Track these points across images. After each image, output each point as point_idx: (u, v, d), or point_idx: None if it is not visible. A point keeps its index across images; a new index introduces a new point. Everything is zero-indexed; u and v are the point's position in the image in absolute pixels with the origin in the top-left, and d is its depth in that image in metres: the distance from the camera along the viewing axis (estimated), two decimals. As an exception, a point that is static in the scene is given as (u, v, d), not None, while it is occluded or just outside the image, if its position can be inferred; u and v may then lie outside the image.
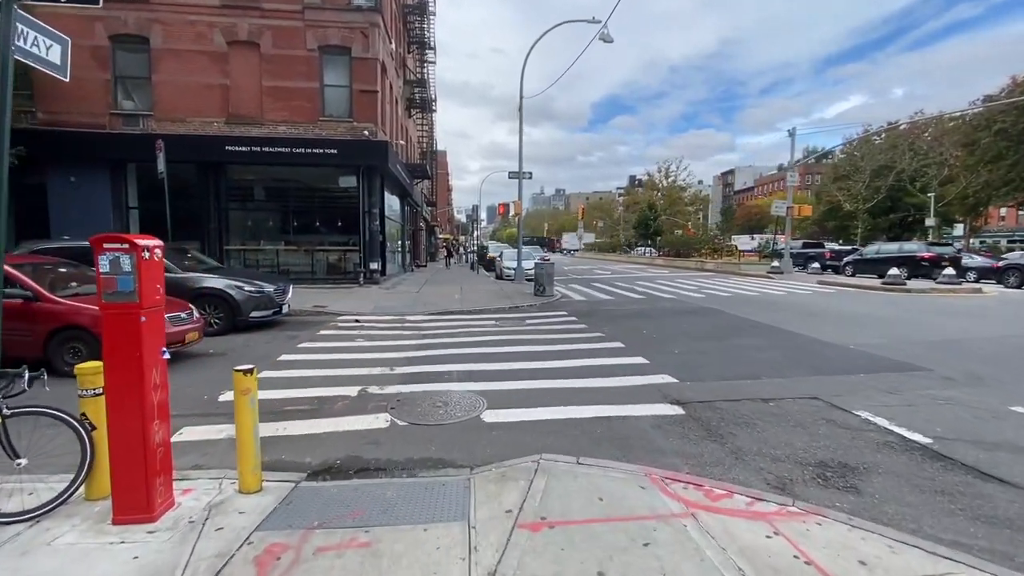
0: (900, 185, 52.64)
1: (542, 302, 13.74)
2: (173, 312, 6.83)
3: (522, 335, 9.06)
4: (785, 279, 21.80)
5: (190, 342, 7.12)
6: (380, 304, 12.85)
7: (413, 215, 32.60)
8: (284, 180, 16.77)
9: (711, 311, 12.09)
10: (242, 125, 15.68)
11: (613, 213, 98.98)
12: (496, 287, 17.69)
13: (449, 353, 7.60)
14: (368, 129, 15.91)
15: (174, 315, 6.80)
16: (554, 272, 15.21)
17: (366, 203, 16.52)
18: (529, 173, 19.51)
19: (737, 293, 16.08)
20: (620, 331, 9.36)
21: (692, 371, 6.43)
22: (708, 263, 29.43)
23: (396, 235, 23.61)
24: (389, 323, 10.56)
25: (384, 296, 14.49)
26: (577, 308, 12.81)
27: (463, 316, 11.55)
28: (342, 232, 16.99)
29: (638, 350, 7.67)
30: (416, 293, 15.40)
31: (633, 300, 14.55)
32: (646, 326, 9.96)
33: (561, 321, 10.69)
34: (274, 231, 16.84)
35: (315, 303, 12.48)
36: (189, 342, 7.09)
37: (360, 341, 8.61)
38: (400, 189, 22.58)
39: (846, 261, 25.57)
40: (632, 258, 47.26)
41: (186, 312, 7.17)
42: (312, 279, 16.54)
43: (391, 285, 17.04)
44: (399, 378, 6.20)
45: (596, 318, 11.09)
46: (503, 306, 12.81)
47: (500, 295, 15.14)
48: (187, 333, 6.97)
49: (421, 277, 22.48)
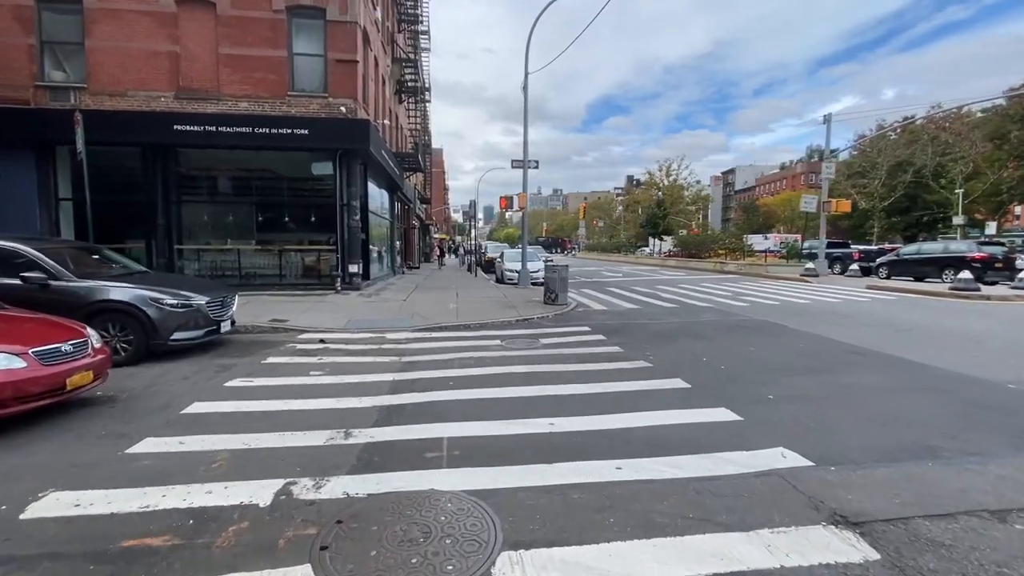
0: (920, 182, 50.68)
1: (555, 313, 11.42)
2: (46, 343, 4.50)
3: (539, 365, 6.72)
4: (824, 282, 19.56)
5: (79, 387, 4.74)
6: (356, 317, 10.50)
7: (405, 212, 30.22)
8: (247, 167, 14.39)
9: (771, 326, 9.78)
10: (195, 101, 13.30)
11: (612, 213, 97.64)
12: (498, 293, 15.35)
13: (437, 399, 5.27)
14: (346, 105, 13.54)
15: (47, 348, 4.47)
16: (568, 276, 12.88)
17: (344, 194, 14.15)
18: (535, 162, 17.18)
19: (784, 300, 13.79)
20: (671, 358, 7.04)
21: (821, 439, 4.13)
22: (728, 264, 27.16)
23: (384, 233, 21.25)
24: (363, 344, 8.22)
25: (364, 306, 12.13)
26: (601, 322, 10.48)
27: (459, 334, 9.22)
28: (317, 229, 14.62)
29: (714, 393, 5.36)
30: (403, 301, 13.04)
31: (665, 310, 12.23)
32: (702, 350, 7.64)
33: (586, 341, 8.36)
34: (236, 228, 14.46)
35: (275, 316, 10.11)
36: (78, 387, 4.71)
37: (316, 376, 6.26)
38: (388, 181, 20.22)
39: (880, 262, 23.41)
40: (639, 258, 44.94)
41: (74, 341, 4.80)
42: (280, 285, 14.16)
43: (374, 291, 14.67)
44: (354, 457, 3.86)
45: (630, 336, 8.77)
46: (508, 319, 10.48)
47: (503, 304, 12.80)
48: (72, 374, 4.60)
49: (412, 281, 20.12)
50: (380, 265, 19.75)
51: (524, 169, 16.63)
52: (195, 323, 7.33)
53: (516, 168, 16.95)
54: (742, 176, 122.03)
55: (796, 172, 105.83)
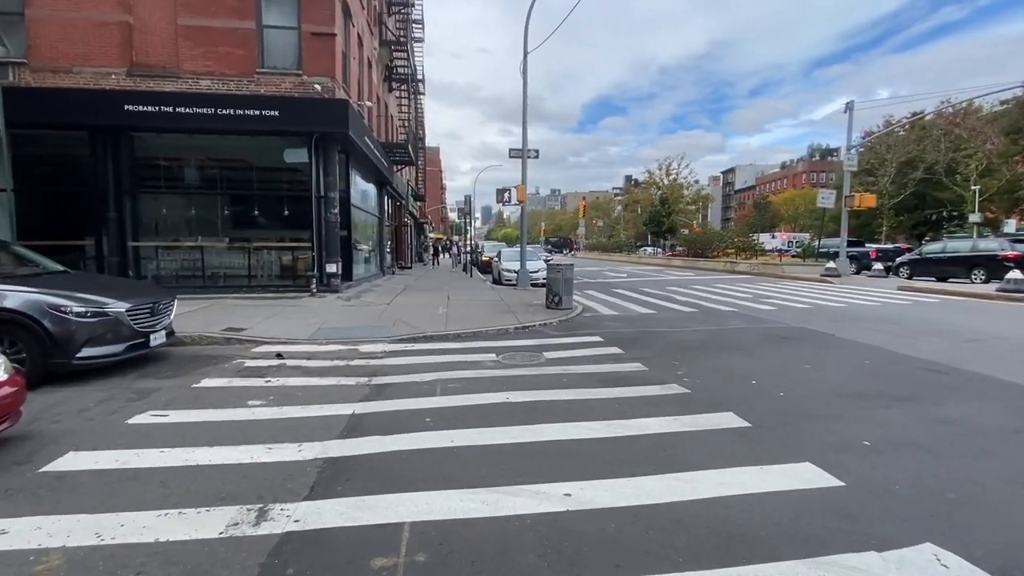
0: (931, 179, 49.50)
1: (560, 319, 10.01)
2: None
3: (544, 391, 5.31)
4: (848, 284, 18.22)
5: None
6: (328, 324, 9.06)
7: (397, 209, 28.77)
8: (212, 154, 12.92)
9: (815, 335, 8.39)
10: (150, 78, 11.85)
11: (611, 212, 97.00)
12: (494, 295, 13.93)
13: (407, 447, 3.86)
14: (321, 83, 12.10)
15: None
16: (573, 277, 11.47)
17: (321, 185, 12.70)
18: (535, 151, 15.76)
19: (814, 303, 12.41)
20: (711, 381, 5.63)
21: (977, 523, 2.73)
22: (740, 263, 25.80)
23: (371, 231, 19.81)
24: (328, 360, 6.79)
25: (340, 311, 10.69)
26: (614, 330, 9.07)
27: (446, 345, 7.79)
28: (292, 225, 13.17)
29: (785, 437, 3.96)
30: (386, 305, 11.61)
31: (685, 315, 10.83)
32: (746, 367, 6.24)
33: (600, 356, 6.95)
34: (200, 224, 13.00)
35: (231, 324, 8.67)
36: None
37: (253, 407, 4.84)
38: (376, 174, 18.78)
39: (900, 262, 22.17)
40: (642, 258, 43.55)
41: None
42: (250, 287, 12.70)
43: (356, 294, 13.22)
44: (257, 566, 2.43)
45: (652, 349, 7.36)
46: (506, 327, 9.06)
47: (500, 308, 11.38)
48: None
49: (401, 282, 18.67)
50: (366, 265, 18.31)
51: (523, 159, 15.22)
52: (112, 336, 5.89)
53: (514, 158, 15.53)
54: (742, 175, 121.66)
55: (797, 171, 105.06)
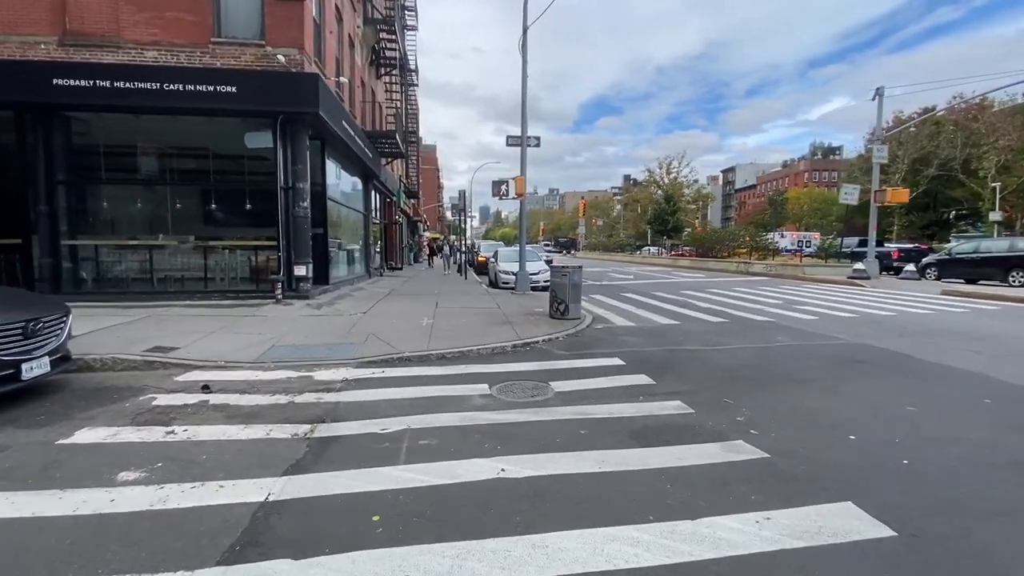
0: (945, 176, 48.06)
1: (567, 333, 8.38)
2: None
3: (555, 453, 3.69)
4: (880, 287, 16.66)
5: None
6: (284, 341, 7.41)
7: (387, 206, 27.08)
8: (161, 138, 11.24)
9: (889, 357, 6.79)
10: (86, 48, 10.18)
11: (610, 212, 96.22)
12: (489, 302, 12.29)
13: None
14: (287, 55, 10.43)
15: None
16: (581, 281, 9.84)
17: (288, 175, 11.02)
18: (536, 139, 14.14)
19: (859, 311, 10.82)
20: (788, 434, 4.01)
21: None
22: (754, 264, 24.20)
23: (356, 228, 18.15)
24: (268, 394, 5.14)
25: (304, 322, 9.04)
26: (636, 348, 7.44)
27: (425, 371, 6.15)
28: (254, 221, 11.49)
29: (965, 561, 2.29)
30: (361, 316, 9.96)
31: (715, 328, 9.21)
32: (828, 411, 4.62)
33: (625, 389, 5.32)
34: (148, 219, 11.33)
35: (160, 342, 7.02)
36: None
37: (123, 486, 3.19)
38: (359, 166, 17.12)
39: (927, 263, 20.75)
40: (646, 258, 41.93)
41: None
42: (205, 293, 11.03)
43: (329, 300, 11.55)
44: None
45: (690, 378, 5.73)
46: (502, 343, 7.43)
47: (496, 318, 9.74)
48: None
49: (387, 285, 17.01)
50: (349, 266, 16.65)
51: (522, 146, 13.58)
52: (-51, 370, 4.24)
53: (513, 146, 13.91)
54: (742, 174, 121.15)
55: (799, 170, 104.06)
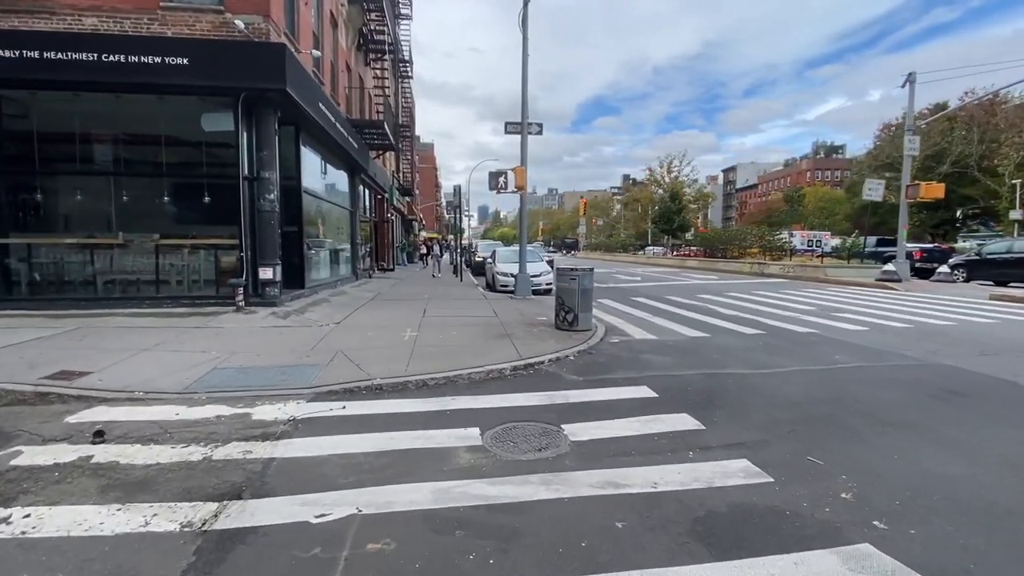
0: (959, 174, 46.78)
1: (578, 349, 6.96)
2: None
3: (577, 565, 2.22)
4: (916, 290, 15.25)
5: None
6: (228, 363, 5.97)
7: (378, 203, 25.63)
8: (103, 121, 9.77)
9: (992, 386, 5.37)
10: (14, 13, 8.75)
11: (610, 211, 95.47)
12: (486, 309, 10.87)
13: None
14: (248, 22, 8.98)
15: None
16: (593, 286, 8.41)
17: (252, 163, 9.58)
18: (538, 125, 12.72)
19: (913, 321, 9.41)
20: (943, 531, 2.55)
21: None
22: (769, 265, 22.79)
23: (339, 225, 16.70)
24: (180, 445, 3.72)
25: (262, 336, 7.60)
26: (664, 371, 6.01)
27: (399, 407, 4.71)
28: (213, 216, 10.02)
29: None
30: (334, 327, 8.52)
31: (753, 343, 7.78)
32: (966, 476, 3.17)
33: (666, 438, 3.90)
34: (89, 215, 9.87)
35: (68, 365, 5.58)
36: None
37: None
38: (344, 157, 15.68)
39: (954, 263, 19.35)
40: (651, 258, 40.52)
41: None
42: (155, 299, 9.58)
43: (300, 307, 10.09)
44: None
45: (749, 420, 4.31)
46: (499, 364, 6.00)
47: (493, 330, 8.31)
48: None
49: (373, 288, 15.56)
50: (332, 267, 15.21)
51: (523, 133, 12.16)
52: None
53: (512, 133, 12.48)
54: (743, 174, 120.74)
55: (801, 169, 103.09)
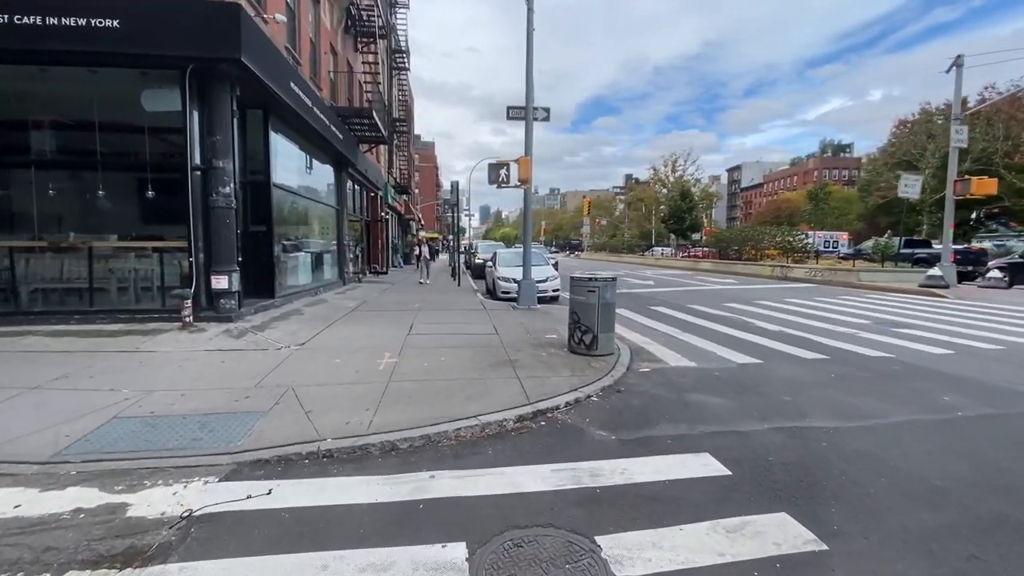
0: (981, 171, 45.07)
1: (602, 385, 5.38)
2: None
3: None
4: (968, 297, 13.63)
5: None
6: (137, 407, 4.41)
7: (370, 201, 24.08)
8: (20, 102, 8.19)
9: None
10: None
11: (613, 211, 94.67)
12: (484, 322, 9.29)
13: None
14: (192, -25, 7.42)
15: None
16: (615, 300, 6.81)
17: (204, 149, 8.01)
18: (544, 111, 11.14)
19: (1004, 341, 7.81)
20: None
21: None
22: (793, 268, 21.15)
23: (323, 225, 15.16)
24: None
25: (198, 365, 6.03)
26: (726, 428, 4.42)
27: (349, 488, 3.10)
28: (158, 214, 8.45)
29: None
30: (296, 350, 6.95)
31: (818, 372, 6.17)
32: None
33: (766, 570, 2.27)
34: (4, 213, 8.29)
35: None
36: None
37: None
38: (326, 148, 14.13)
39: (994, 266, 17.71)
40: (659, 259, 38.84)
41: None
42: (87, 313, 8.02)
43: (261, 322, 8.50)
44: None
45: (890, 534, 2.69)
46: (498, 412, 4.42)
47: (491, 353, 6.72)
48: None
49: (357, 296, 14.00)
50: (312, 272, 13.65)
51: (527, 119, 10.58)
52: None
53: (515, 119, 10.90)
54: (748, 173, 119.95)
55: (808, 168, 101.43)
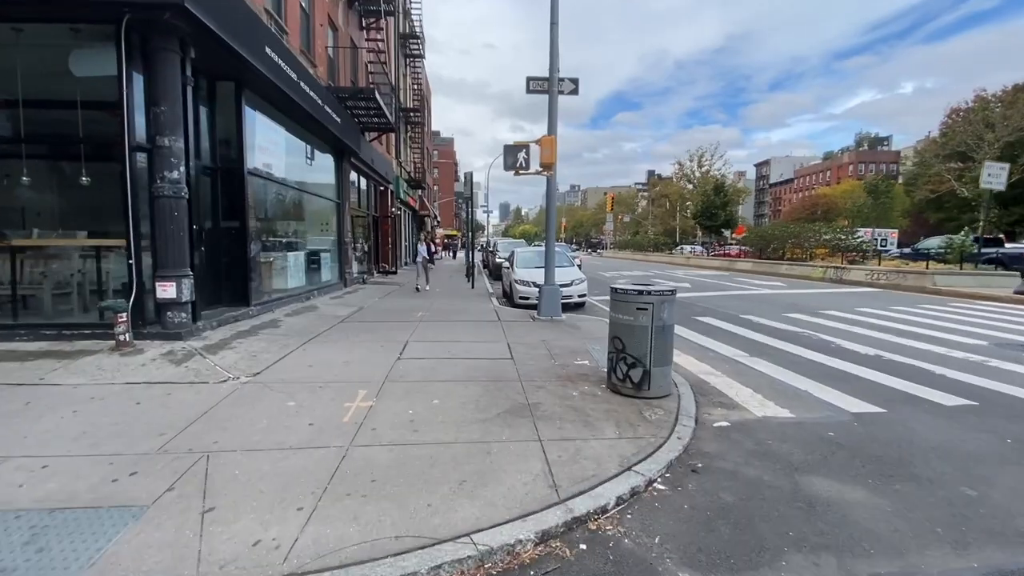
0: (1053, 160, 41.19)
1: (669, 459, 3.54)
2: None
3: None
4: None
5: None
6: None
7: (380, 196, 22.55)
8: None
9: None
10: None
11: (634, 208, 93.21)
12: (498, 340, 7.52)
13: None
14: None
15: None
16: (674, 321, 4.95)
17: (148, 123, 6.42)
18: (572, 81, 9.28)
19: None
20: None
21: None
22: (850, 270, 18.82)
23: (320, 220, 13.62)
24: None
25: (107, 408, 4.42)
26: (900, 571, 2.53)
27: None
28: (96, 207, 6.90)
29: None
30: (245, 384, 5.31)
31: (972, 426, 4.26)
32: None
33: None
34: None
35: None
36: None
37: None
38: (320, 133, 12.56)
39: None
40: (689, 258, 36.42)
41: None
42: (6, 329, 6.50)
43: (219, 340, 6.89)
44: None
45: None
46: (511, 519, 2.64)
47: (503, 395, 4.95)
48: None
49: (353, 303, 12.40)
50: (304, 273, 12.10)
51: (551, 89, 8.75)
52: None
53: (537, 92, 9.08)
54: (777, 168, 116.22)
55: (843, 162, 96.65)
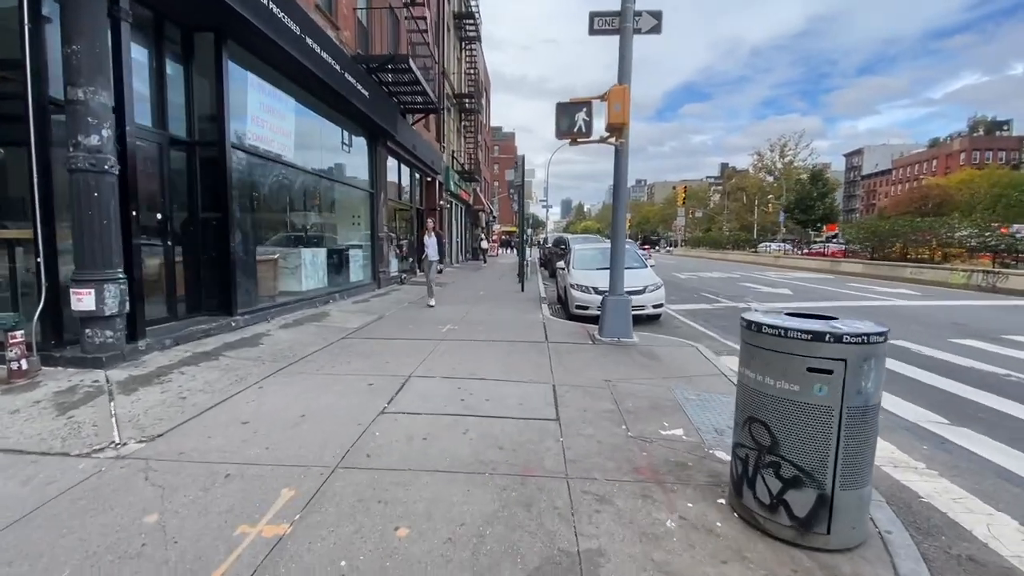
0: None
1: None
2: None
3: None
4: None
5: None
6: None
7: (427, 188, 20.90)
8: None
9: None
10: None
11: (707, 202, 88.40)
12: (537, 383, 5.25)
13: None
14: None
15: None
16: (880, 391, 2.47)
17: (69, 70, 4.74)
18: (653, 15, 6.80)
19: None
20: None
21: None
22: (1007, 276, 14.77)
23: (352, 212, 11.93)
24: None
25: None
26: None
27: None
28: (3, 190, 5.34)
29: None
30: (115, 464, 3.40)
31: None
32: None
33: None
34: None
35: None
36: None
37: None
38: (343, 109, 10.83)
39: None
40: (777, 257, 32.07)
41: None
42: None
43: (158, 368, 5.13)
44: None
45: None
46: None
47: (533, 533, 2.67)
48: None
49: (374, 310, 10.56)
50: (325, 273, 10.44)
51: (622, 28, 6.30)
52: None
53: (603, 31, 6.67)
54: (871, 158, 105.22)
55: (953, 150, 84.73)
